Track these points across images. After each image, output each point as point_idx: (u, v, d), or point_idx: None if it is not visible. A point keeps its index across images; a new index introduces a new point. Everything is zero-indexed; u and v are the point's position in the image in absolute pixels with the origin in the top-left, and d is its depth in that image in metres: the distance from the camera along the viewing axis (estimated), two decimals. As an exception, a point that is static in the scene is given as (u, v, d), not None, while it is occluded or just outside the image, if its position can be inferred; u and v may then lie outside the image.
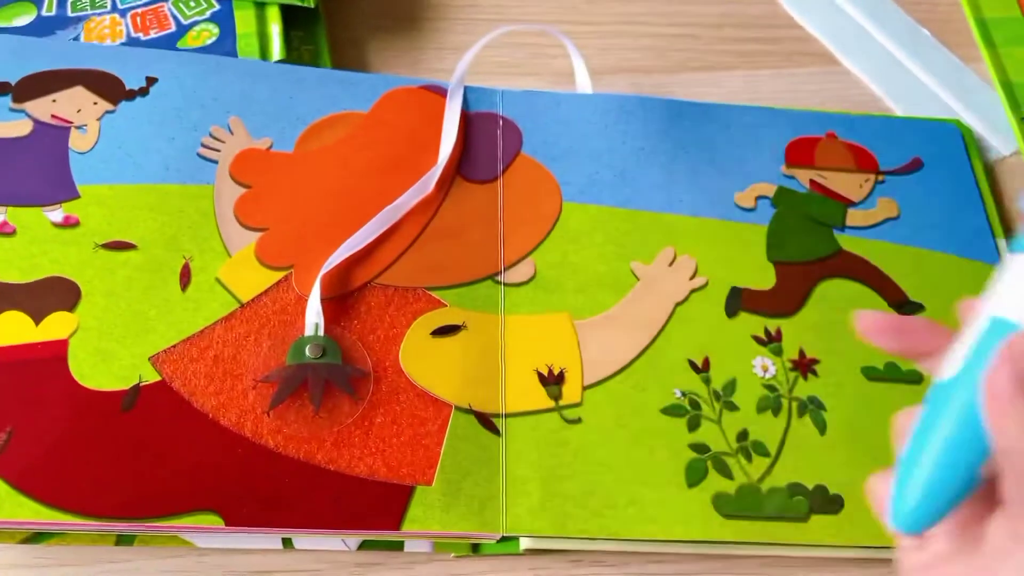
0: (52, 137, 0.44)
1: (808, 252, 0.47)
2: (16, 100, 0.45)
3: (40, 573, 0.37)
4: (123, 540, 0.37)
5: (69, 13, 0.50)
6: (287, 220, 0.43)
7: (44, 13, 0.50)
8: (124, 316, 0.39)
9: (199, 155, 0.45)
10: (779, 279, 0.46)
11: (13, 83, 0.45)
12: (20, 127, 0.44)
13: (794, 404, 0.42)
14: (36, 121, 0.44)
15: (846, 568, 0.40)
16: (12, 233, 0.41)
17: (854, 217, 0.48)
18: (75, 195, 0.42)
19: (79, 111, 0.45)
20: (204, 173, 0.44)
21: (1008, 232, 0.50)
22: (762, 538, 0.39)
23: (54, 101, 0.45)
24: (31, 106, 0.45)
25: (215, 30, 0.50)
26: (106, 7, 0.50)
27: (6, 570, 0.37)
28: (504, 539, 0.38)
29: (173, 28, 0.50)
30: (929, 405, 0.26)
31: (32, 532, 0.36)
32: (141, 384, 0.38)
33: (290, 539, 0.38)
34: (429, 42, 0.55)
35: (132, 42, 0.49)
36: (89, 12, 0.50)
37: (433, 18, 0.57)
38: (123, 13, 0.50)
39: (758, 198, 0.48)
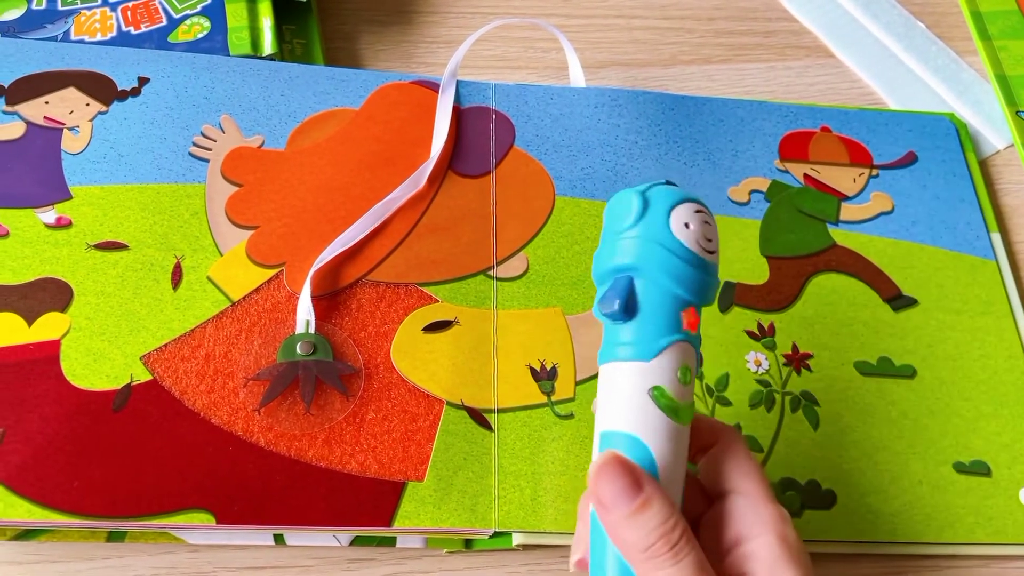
0: (44, 139, 0.44)
1: (802, 246, 0.47)
2: (9, 103, 0.45)
3: (32, 569, 0.37)
4: (114, 536, 0.37)
5: (59, 7, 0.50)
6: (278, 218, 0.43)
7: (34, 7, 0.50)
8: (116, 316, 0.40)
9: (191, 154, 0.44)
10: (772, 273, 0.46)
11: (6, 86, 0.45)
12: (13, 129, 0.44)
13: (787, 399, 0.42)
14: (29, 123, 0.44)
15: (838, 563, 0.40)
16: (5, 235, 0.41)
17: (848, 211, 0.48)
18: (67, 196, 0.42)
19: (71, 112, 0.45)
20: (195, 172, 0.44)
21: (1002, 226, 0.50)
22: (753, 533, 0.39)
23: (46, 103, 0.45)
24: (24, 108, 0.45)
25: (206, 24, 0.50)
26: (96, 1, 0.50)
27: (-1, 566, 0.37)
28: (496, 534, 0.38)
29: (164, 22, 0.50)
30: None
31: (23, 529, 0.36)
32: (133, 383, 0.38)
33: (282, 535, 0.38)
34: (421, 36, 0.55)
35: (123, 36, 0.49)
36: (79, 6, 0.50)
37: (425, 12, 0.56)
38: (114, 7, 0.50)
39: (752, 192, 0.48)
